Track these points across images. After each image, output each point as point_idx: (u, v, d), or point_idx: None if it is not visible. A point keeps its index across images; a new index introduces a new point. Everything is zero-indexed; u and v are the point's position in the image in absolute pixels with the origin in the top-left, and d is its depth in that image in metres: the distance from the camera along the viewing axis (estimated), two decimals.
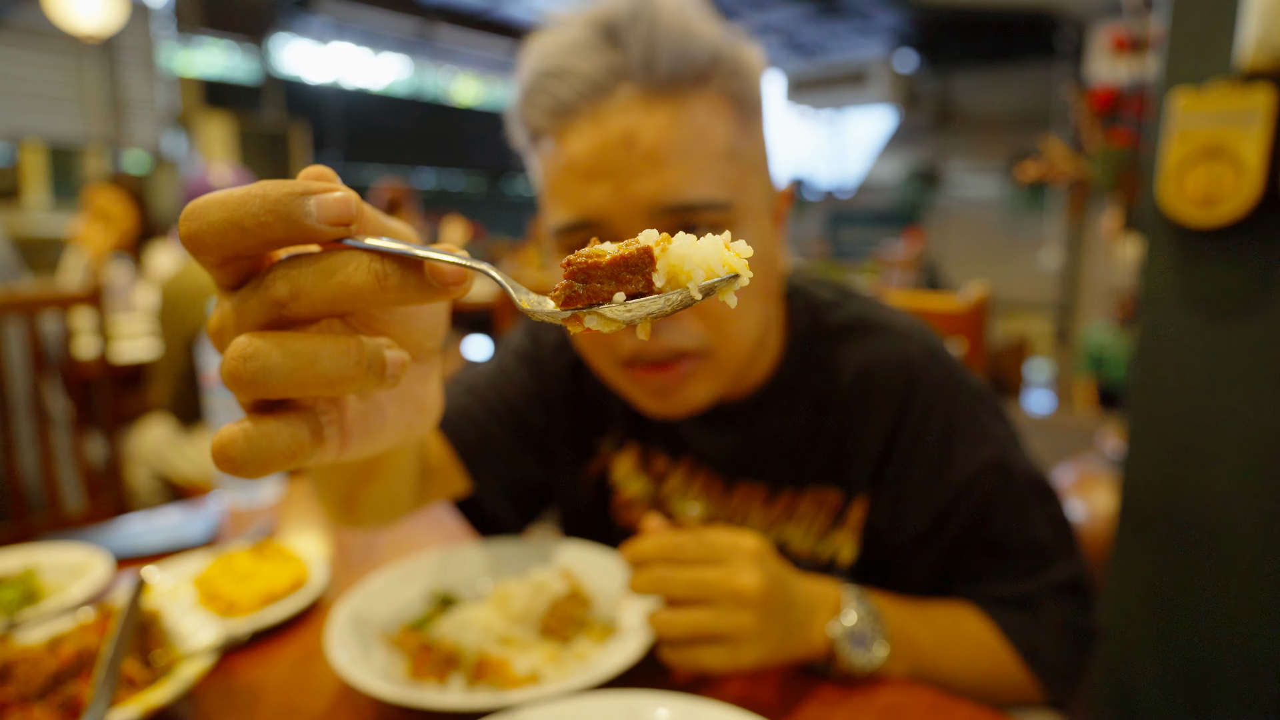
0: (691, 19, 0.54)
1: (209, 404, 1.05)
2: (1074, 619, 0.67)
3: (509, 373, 0.79)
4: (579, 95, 0.54)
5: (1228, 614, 1.08)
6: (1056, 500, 0.69)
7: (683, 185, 0.53)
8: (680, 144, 0.53)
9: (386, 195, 4.12)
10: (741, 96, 0.56)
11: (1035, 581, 0.66)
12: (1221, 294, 1.04)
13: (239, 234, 0.26)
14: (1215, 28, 1.01)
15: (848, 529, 0.69)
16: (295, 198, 0.26)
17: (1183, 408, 1.09)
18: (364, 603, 0.66)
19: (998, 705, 0.66)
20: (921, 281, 5.85)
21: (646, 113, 0.53)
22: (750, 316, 0.60)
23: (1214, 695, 1.10)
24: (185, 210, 0.27)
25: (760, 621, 0.52)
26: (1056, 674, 0.65)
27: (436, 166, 10.16)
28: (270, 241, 0.27)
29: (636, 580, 0.54)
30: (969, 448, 0.66)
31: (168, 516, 0.96)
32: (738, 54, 0.56)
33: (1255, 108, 0.94)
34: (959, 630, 0.64)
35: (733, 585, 0.52)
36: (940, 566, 0.69)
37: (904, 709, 0.55)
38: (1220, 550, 1.07)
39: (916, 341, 0.69)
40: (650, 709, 0.50)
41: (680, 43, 0.53)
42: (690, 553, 0.53)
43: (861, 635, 0.56)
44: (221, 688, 0.59)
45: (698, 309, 0.55)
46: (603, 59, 0.53)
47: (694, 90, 0.54)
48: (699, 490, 0.76)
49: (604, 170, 0.54)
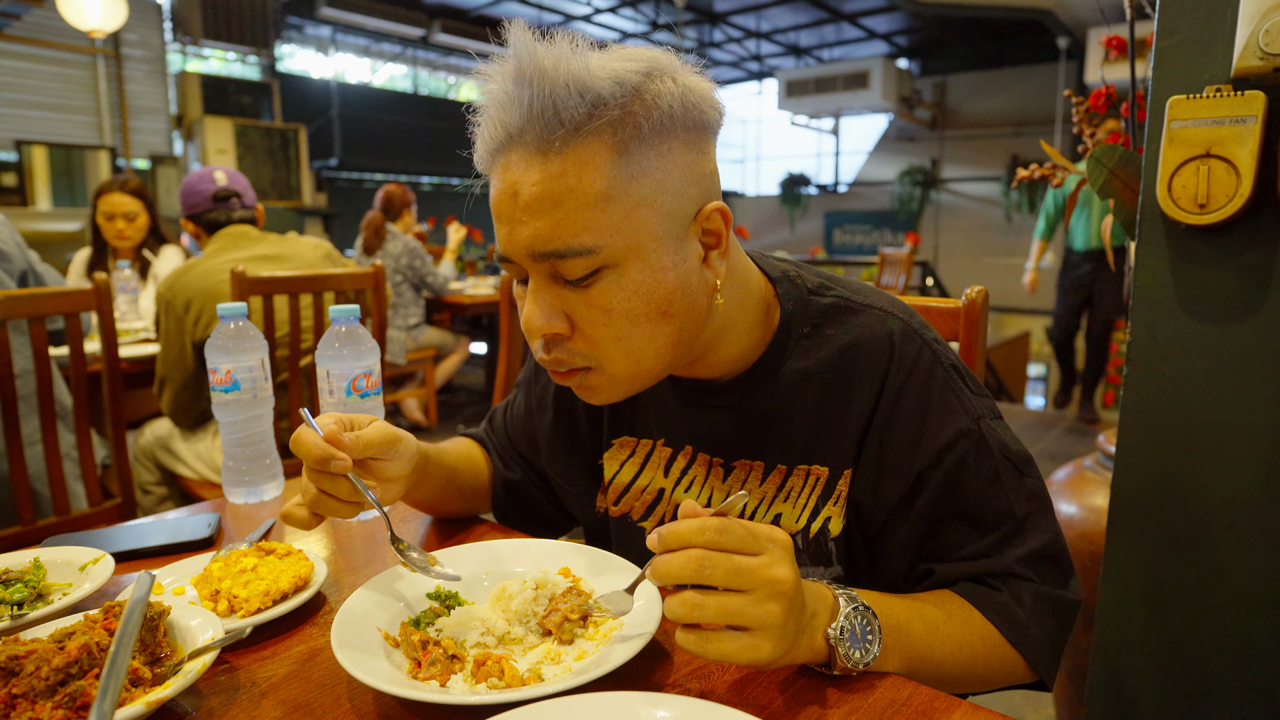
0: (574, 72, 0.57)
1: (212, 405, 1.06)
2: (1053, 592, 0.69)
3: (515, 400, 0.97)
4: (496, 145, 0.61)
5: (1221, 611, 1.08)
6: (1032, 471, 0.71)
7: (549, 236, 0.59)
8: (548, 196, 0.59)
9: (385, 197, 4.12)
10: (628, 138, 0.59)
11: (1012, 554, 0.69)
12: (1214, 293, 1.05)
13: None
14: (1209, 34, 1.02)
15: (836, 503, 0.73)
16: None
17: (1175, 404, 1.10)
18: (366, 600, 0.67)
19: (991, 688, 0.70)
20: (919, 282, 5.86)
21: (526, 169, 0.59)
22: (636, 339, 0.64)
23: (1208, 691, 1.11)
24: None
25: (785, 616, 0.53)
26: (1043, 651, 0.68)
27: (436, 168, 10.16)
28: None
29: (672, 561, 0.52)
30: (946, 415, 0.69)
31: (172, 516, 0.97)
32: (635, 93, 0.59)
33: (1248, 112, 0.95)
34: (947, 618, 0.66)
35: (770, 574, 0.52)
36: (919, 543, 0.71)
37: (902, 708, 0.55)
38: (1214, 547, 1.08)
39: (897, 318, 0.73)
40: (650, 709, 0.51)
41: (559, 99, 0.57)
42: (734, 538, 0.52)
43: (858, 634, 0.58)
44: (225, 684, 0.60)
45: (573, 329, 0.64)
46: (505, 115, 0.60)
47: (568, 144, 0.58)
48: (702, 475, 0.79)
49: (501, 216, 0.62)
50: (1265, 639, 1.05)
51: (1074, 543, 1.51)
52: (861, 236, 11.40)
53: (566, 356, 0.65)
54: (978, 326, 0.94)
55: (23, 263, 1.77)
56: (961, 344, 0.95)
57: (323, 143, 8.51)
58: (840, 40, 9.97)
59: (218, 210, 2.02)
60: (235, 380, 1.02)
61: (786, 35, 9.75)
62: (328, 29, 8.74)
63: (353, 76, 9.71)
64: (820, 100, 9.60)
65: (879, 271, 5.16)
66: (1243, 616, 1.07)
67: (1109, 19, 1.42)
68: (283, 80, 7.82)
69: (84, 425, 1.62)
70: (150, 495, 2.09)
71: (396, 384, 4.19)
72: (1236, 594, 1.07)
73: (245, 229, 2.03)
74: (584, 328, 0.63)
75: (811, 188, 11.83)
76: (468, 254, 5.71)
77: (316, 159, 8.39)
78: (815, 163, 12.31)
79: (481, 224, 6.37)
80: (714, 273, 0.67)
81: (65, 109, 5.99)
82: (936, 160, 10.83)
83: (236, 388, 1.02)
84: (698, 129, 0.63)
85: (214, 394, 1.03)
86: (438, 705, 0.56)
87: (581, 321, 0.63)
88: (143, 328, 2.46)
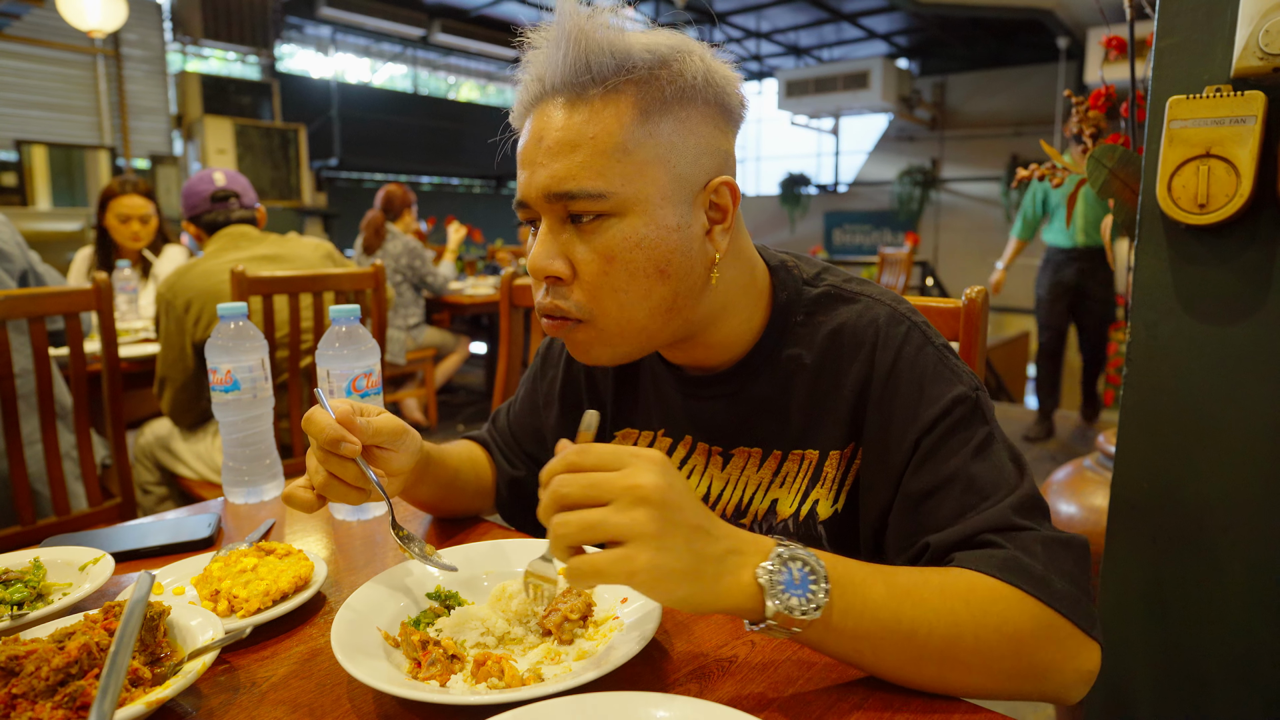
0: (611, 36, 0.63)
1: (212, 405, 1.06)
2: (1059, 534, 0.62)
3: (520, 396, 0.97)
4: (530, 98, 0.67)
5: (1221, 610, 1.09)
6: (1019, 456, 0.68)
7: (565, 177, 0.64)
8: (569, 142, 0.64)
9: (385, 197, 4.12)
10: (651, 99, 0.64)
11: (1007, 503, 0.63)
12: (1214, 292, 1.05)
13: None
14: (1209, 34, 1.02)
15: (823, 485, 0.73)
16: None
17: (1175, 404, 1.10)
18: (366, 600, 0.67)
19: (1023, 669, 0.57)
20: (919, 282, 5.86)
21: (553, 117, 0.65)
22: (632, 293, 0.67)
23: (1207, 691, 1.11)
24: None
25: (658, 523, 0.49)
26: (1076, 602, 0.58)
27: (436, 168, 10.16)
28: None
29: (542, 498, 0.52)
30: (942, 385, 0.69)
31: (172, 516, 0.97)
32: (662, 61, 0.65)
33: (1248, 112, 0.95)
34: (922, 583, 0.57)
35: (628, 482, 0.50)
36: (915, 517, 0.67)
37: (902, 708, 0.55)
38: (1213, 546, 1.08)
39: (885, 305, 0.74)
40: (650, 709, 0.51)
41: (593, 56, 0.63)
42: (592, 457, 0.52)
43: (795, 578, 0.52)
44: (225, 684, 0.60)
45: (573, 275, 0.67)
46: (543, 70, 0.65)
47: (597, 96, 0.64)
48: (701, 464, 0.80)
49: (524, 162, 0.67)
50: (1265, 639, 1.05)
51: None
52: (861, 236, 11.39)
53: (563, 303, 0.68)
54: (978, 326, 0.94)
55: (23, 262, 1.77)
56: (961, 344, 0.95)
57: (323, 143, 8.51)
58: (840, 40, 9.97)
59: (216, 210, 2.02)
60: (235, 380, 1.02)
61: (786, 35, 9.75)
62: (328, 29, 8.73)
63: (353, 76, 9.71)
64: (820, 100, 9.60)
65: (879, 271, 5.17)
66: (1242, 616, 1.07)
67: (1109, 19, 1.42)
68: (283, 80, 7.82)
69: (84, 425, 1.62)
70: (150, 495, 2.09)
71: (396, 384, 4.19)
72: (1236, 593, 1.07)
73: (245, 229, 2.03)
74: (584, 275, 0.66)
75: (811, 188, 11.83)
76: (468, 254, 5.71)
77: (316, 159, 8.38)
78: (815, 163, 12.31)
79: (481, 224, 6.36)
80: (715, 246, 0.69)
81: (65, 109, 5.99)
82: (936, 160, 10.82)
83: (236, 388, 1.02)
84: (718, 107, 0.68)
85: (214, 394, 1.03)
86: (438, 705, 0.56)
87: (583, 268, 0.66)
88: (142, 327, 2.46)
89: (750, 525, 0.76)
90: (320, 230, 7.47)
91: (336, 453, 0.67)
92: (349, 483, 0.68)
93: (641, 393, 0.85)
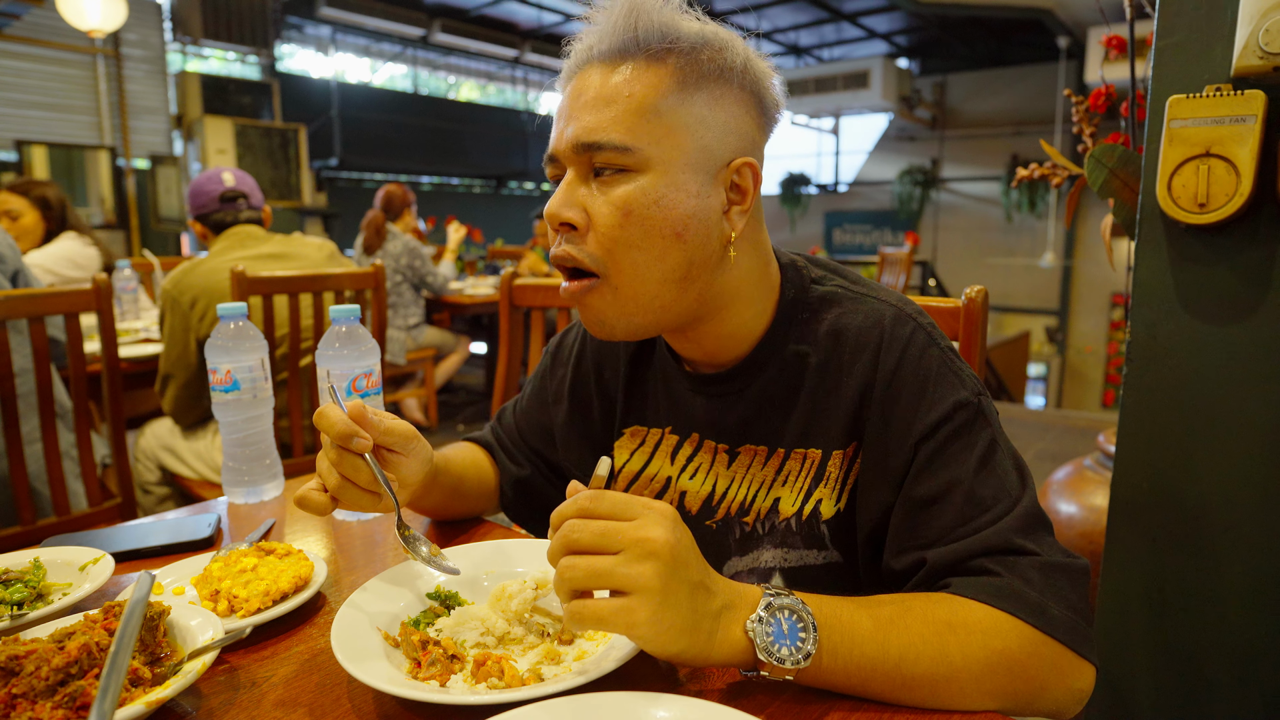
0: (664, 14, 0.67)
1: (212, 405, 1.06)
2: (1060, 560, 0.62)
3: (528, 394, 0.98)
4: (577, 63, 0.70)
5: (1220, 610, 1.09)
6: (1023, 465, 0.68)
7: (594, 128, 0.66)
8: (606, 98, 0.66)
9: (385, 197, 4.12)
10: (689, 72, 0.67)
11: (1008, 523, 0.62)
12: (1214, 292, 1.05)
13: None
14: (1209, 33, 1.02)
15: (826, 485, 0.73)
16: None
17: (1175, 404, 1.10)
18: (366, 600, 0.67)
19: (1004, 673, 0.56)
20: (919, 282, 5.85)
21: (594, 76, 0.68)
22: (647, 252, 0.68)
23: (1207, 690, 1.11)
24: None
25: (663, 579, 0.50)
26: (1066, 621, 0.58)
27: (436, 168, 10.15)
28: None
29: (552, 540, 0.54)
30: (945, 388, 0.68)
31: (172, 516, 0.97)
32: (706, 42, 0.68)
33: (1248, 112, 0.95)
34: (905, 612, 0.58)
35: (639, 535, 0.51)
36: (912, 527, 0.66)
37: (902, 708, 0.55)
38: (1213, 546, 1.08)
39: (891, 305, 0.74)
40: (650, 709, 0.51)
41: (642, 28, 0.66)
42: (606, 504, 0.53)
43: (783, 628, 0.53)
44: (225, 684, 0.60)
45: (589, 225, 0.68)
46: (593, 38, 0.69)
47: (638, 63, 0.67)
48: (707, 461, 0.80)
49: (560, 116, 0.70)
50: (1265, 638, 1.05)
51: (1074, 543, 1.51)
52: (861, 236, 11.39)
53: (576, 252, 0.69)
54: (978, 326, 0.94)
55: (15, 263, 1.78)
56: (961, 344, 0.95)
57: (323, 142, 8.51)
58: (840, 40, 9.96)
59: (224, 211, 2.03)
60: (235, 380, 1.02)
61: (786, 35, 9.74)
62: (328, 29, 8.73)
63: (353, 76, 9.70)
64: (820, 100, 9.59)
65: (879, 271, 5.16)
66: (1242, 616, 1.07)
67: (1109, 19, 1.42)
68: (283, 80, 7.82)
69: (84, 425, 1.62)
70: (150, 495, 2.09)
71: (396, 384, 4.19)
72: (1236, 593, 1.07)
73: (252, 229, 2.04)
74: (599, 225, 0.67)
75: (811, 187, 11.82)
76: (468, 254, 5.71)
77: (316, 159, 8.38)
78: (815, 162, 12.30)
79: (481, 224, 6.36)
80: (731, 225, 0.70)
81: (65, 109, 5.99)
82: (936, 160, 10.82)
83: (236, 388, 1.02)
84: (754, 95, 0.70)
85: (214, 394, 1.03)
86: (438, 705, 0.56)
87: (598, 219, 0.67)
88: (142, 327, 2.46)
89: (753, 523, 0.76)
90: (320, 230, 7.47)
91: (349, 448, 0.67)
92: (362, 486, 0.69)
93: (651, 391, 0.85)
